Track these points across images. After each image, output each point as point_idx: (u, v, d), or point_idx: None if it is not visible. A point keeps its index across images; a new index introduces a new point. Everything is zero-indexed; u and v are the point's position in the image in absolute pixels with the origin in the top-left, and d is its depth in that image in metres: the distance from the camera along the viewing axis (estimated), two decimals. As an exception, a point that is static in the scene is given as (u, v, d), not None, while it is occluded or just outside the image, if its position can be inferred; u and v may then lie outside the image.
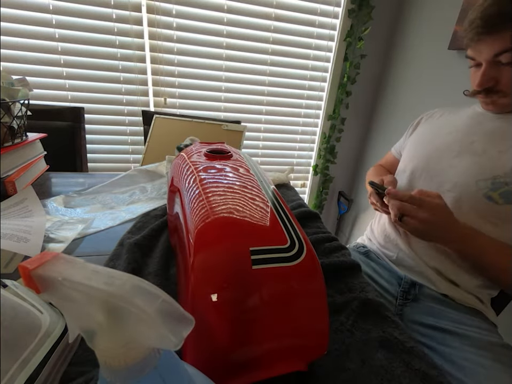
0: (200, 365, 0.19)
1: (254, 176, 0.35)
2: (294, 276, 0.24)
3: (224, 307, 0.22)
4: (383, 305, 0.37)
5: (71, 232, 0.46)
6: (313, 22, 1.33)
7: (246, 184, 0.32)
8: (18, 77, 0.63)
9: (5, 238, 0.35)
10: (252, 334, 0.22)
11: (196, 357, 0.22)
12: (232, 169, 0.35)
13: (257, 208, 0.28)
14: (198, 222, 0.26)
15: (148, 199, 0.59)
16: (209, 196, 0.28)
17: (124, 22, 1.14)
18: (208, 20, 1.22)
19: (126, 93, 1.25)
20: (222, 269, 0.22)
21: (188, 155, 0.40)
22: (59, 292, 0.11)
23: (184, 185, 0.32)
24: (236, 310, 0.22)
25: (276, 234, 0.25)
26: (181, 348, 0.12)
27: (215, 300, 0.21)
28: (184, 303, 0.23)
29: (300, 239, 0.26)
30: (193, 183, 0.31)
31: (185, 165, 0.37)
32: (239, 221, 0.26)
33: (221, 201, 0.28)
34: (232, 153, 0.40)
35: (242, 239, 0.24)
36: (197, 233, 0.25)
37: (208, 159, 0.38)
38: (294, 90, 1.45)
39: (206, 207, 0.27)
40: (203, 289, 0.22)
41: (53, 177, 0.69)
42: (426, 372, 0.29)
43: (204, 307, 0.21)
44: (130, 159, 1.38)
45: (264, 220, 0.27)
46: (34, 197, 0.53)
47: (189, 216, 0.27)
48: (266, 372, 0.23)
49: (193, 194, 0.30)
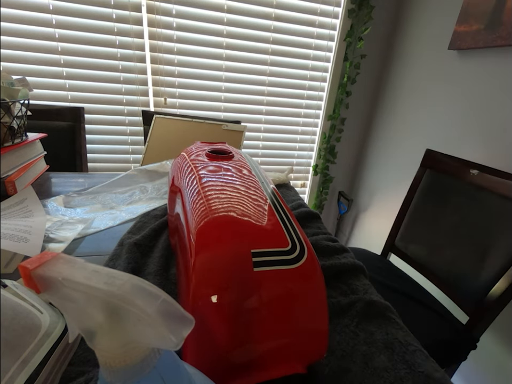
0: (199, 366, 0.19)
1: (255, 177, 0.35)
2: (295, 279, 0.24)
3: (225, 308, 0.22)
4: (387, 307, 0.37)
5: (71, 232, 0.46)
6: (313, 22, 1.33)
7: (248, 185, 0.32)
8: (18, 77, 0.63)
9: (5, 238, 0.35)
10: (252, 336, 0.22)
11: (195, 357, 0.22)
12: (233, 169, 0.35)
13: (259, 209, 0.28)
14: (199, 222, 0.25)
15: (147, 199, 0.59)
16: (210, 196, 0.28)
17: (123, 22, 1.14)
18: (208, 20, 1.22)
19: (126, 93, 1.25)
20: (223, 270, 0.22)
21: (188, 155, 0.40)
22: (59, 292, 0.11)
23: (185, 185, 0.32)
24: (236, 311, 0.22)
25: (277, 236, 0.25)
26: (181, 348, 0.12)
27: (215, 301, 0.21)
28: (185, 303, 0.23)
29: (301, 241, 0.26)
30: (194, 183, 0.31)
31: (186, 165, 0.37)
32: (241, 221, 0.26)
33: (222, 201, 0.28)
34: (233, 154, 0.40)
35: (244, 240, 0.24)
36: (197, 233, 0.25)
37: (209, 159, 0.38)
38: (294, 90, 1.45)
39: (207, 207, 0.27)
40: (204, 290, 0.22)
41: (53, 177, 0.69)
42: (430, 375, 0.29)
43: (205, 308, 0.21)
44: (130, 159, 1.38)
45: (266, 221, 0.26)
46: (34, 197, 0.53)
47: (189, 216, 0.27)
48: (266, 374, 0.23)
49: (194, 194, 0.30)
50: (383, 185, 1.50)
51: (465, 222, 0.78)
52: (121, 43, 1.17)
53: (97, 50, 1.16)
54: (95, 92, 1.22)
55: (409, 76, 1.34)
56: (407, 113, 1.35)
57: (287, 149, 1.59)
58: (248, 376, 0.23)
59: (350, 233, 1.81)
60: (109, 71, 1.20)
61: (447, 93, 1.13)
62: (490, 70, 0.96)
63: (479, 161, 0.98)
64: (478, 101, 1.00)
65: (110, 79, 1.21)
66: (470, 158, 1.04)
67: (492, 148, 0.96)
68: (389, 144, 1.46)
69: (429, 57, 1.22)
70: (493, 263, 0.70)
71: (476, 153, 1.02)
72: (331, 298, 0.38)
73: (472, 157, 1.03)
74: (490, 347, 0.95)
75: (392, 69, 1.44)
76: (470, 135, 1.04)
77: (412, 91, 1.33)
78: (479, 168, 0.77)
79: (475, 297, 0.72)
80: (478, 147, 1.01)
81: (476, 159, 1.01)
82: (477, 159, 1.01)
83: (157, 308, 0.11)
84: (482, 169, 0.76)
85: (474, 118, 1.02)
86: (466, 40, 0.99)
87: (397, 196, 1.41)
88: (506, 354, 0.91)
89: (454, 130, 1.11)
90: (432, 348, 0.69)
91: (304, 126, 1.55)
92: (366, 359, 0.30)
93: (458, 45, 1.02)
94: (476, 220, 0.76)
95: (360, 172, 1.71)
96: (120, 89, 1.24)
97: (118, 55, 1.18)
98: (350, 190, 1.80)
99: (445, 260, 0.82)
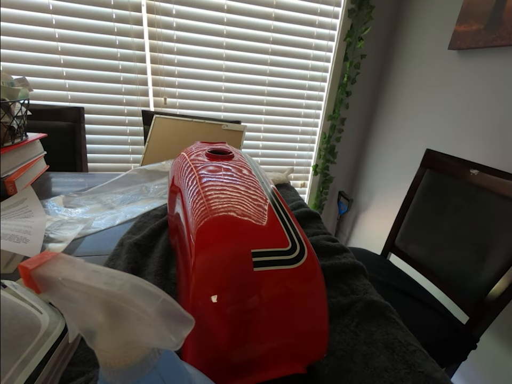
0: (199, 366, 0.19)
1: (255, 177, 0.35)
2: (295, 279, 0.24)
3: (225, 308, 0.22)
4: (387, 307, 0.37)
5: (71, 232, 0.46)
6: (313, 21, 1.33)
7: (248, 185, 0.32)
8: (18, 77, 0.63)
9: (5, 238, 0.35)
10: (252, 336, 0.22)
11: (196, 357, 0.22)
12: (233, 169, 0.35)
13: (259, 209, 0.28)
14: (198, 222, 0.25)
15: (147, 199, 0.59)
16: (210, 196, 0.28)
17: (123, 22, 1.14)
18: (208, 20, 1.22)
19: (126, 92, 1.25)
20: (223, 270, 0.22)
21: (188, 155, 0.40)
22: (59, 291, 0.11)
23: (185, 185, 0.32)
24: (236, 311, 0.22)
25: (277, 236, 0.25)
26: (181, 348, 0.12)
27: (215, 301, 0.21)
28: (185, 303, 0.23)
29: (301, 241, 0.26)
30: (194, 183, 0.31)
31: (186, 165, 0.37)
32: (241, 221, 0.26)
33: (222, 201, 0.28)
34: (233, 153, 0.40)
35: (244, 240, 0.24)
36: (197, 233, 0.25)
37: (209, 159, 0.38)
38: (294, 90, 1.45)
39: (207, 207, 0.27)
40: (204, 290, 0.22)
41: (53, 177, 0.69)
42: (430, 375, 0.29)
43: (205, 308, 0.21)
44: (130, 159, 1.38)
45: (266, 221, 0.26)
46: (34, 197, 0.53)
47: (189, 216, 0.27)
48: (266, 374, 0.23)
49: (194, 194, 0.30)
50: (383, 185, 1.50)
51: (465, 222, 0.78)
52: (121, 43, 1.17)
53: (97, 50, 1.16)
54: (95, 91, 1.22)
55: (409, 75, 1.34)
56: (407, 113, 1.35)
57: (287, 149, 1.59)
58: (248, 376, 0.23)
59: (350, 233, 1.81)
60: (109, 71, 1.20)
61: (447, 93, 1.13)
62: (490, 70, 0.96)
63: (479, 161, 0.98)
64: (478, 100, 1.00)
65: (110, 79, 1.21)
66: (470, 158, 1.04)
67: (491, 148, 0.96)
68: (389, 144, 1.46)
69: (429, 57, 1.22)
70: (493, 263, 0.70)
71: (476, 153, 1.02)
72: (331, 298, 0.38)
73: (472, 157, 1.03)
74: (490, 347, 0.95)
75: (392, 69, 1.44)
76: (470, 135, 1.04)
77: (412, 91, 1.33)
78: (479, 168, 0.77)
79: (475, 297, 0.72)
80: (478, 147, 1.01)
81: (476, 159, 1.01)
82: (477, 159, 1.01)
83: (157, 307, 0.11)
84: (482, 169, 0.76)
85: (474, 117, 1.02)
86: (466, 40, 0.99)
87: (397, 196, 1.41)
88: (506, 354, 0.91)
89: (454, 130, 1.11)
90: (432, 347, 0.69)
91: (304, 126, 1.55)
92: (366, 359, 0.30)
93: (458, 45, 1.02)
94: (476, 220, 0.76)
95: (360, 172, 1.70)
96: (120, 89, 1.24)
97: (118, 55, 1.18)
98: (350, 190, 1.80)
99: (445, 259, 0.82)
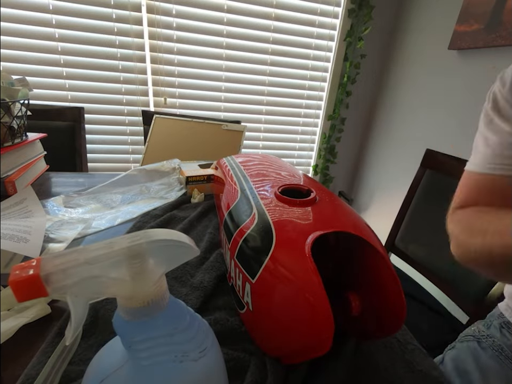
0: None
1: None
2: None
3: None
4: None
5: (71, 232, 0.46)
6: (313, 21, 1.33)
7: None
8: (18, 77, 0.63)
9: (5, 238, 0.35)
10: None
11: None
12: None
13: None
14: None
15: (147, 199, 0.59)
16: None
17: (124, 22, 1.14)
18: (208, 20, 1.22)
19: (126, 92, 1.25)
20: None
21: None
22: (78, 275, 0.12)
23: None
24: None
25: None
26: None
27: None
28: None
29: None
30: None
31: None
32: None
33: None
34: (314, 193, 0.30)
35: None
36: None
37: (282, 202, 0.29)
38: (294, 90, 1.45)
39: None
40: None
41: (53, 177, 0.69)
42: (428, 373, 0.29)
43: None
44: (130, 159, 1.38)
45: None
46: (34, 197, 0.53)
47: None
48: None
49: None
50: (383, 185, 1.50)
51: (465, 222, 0.78)
52: (121, 43, 1.17)
53: (97, 50, 1.16)
54: (95, 91, 1.22)
55: (409, 75, 1.34)
56: (407, 113, 1.35)
57: (287, 149, 1.59)
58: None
59: (350, 233, 1.81)
60: (109, 71, 1.20)
61: (447, 93, 1.13)
62: (490, 69, 0.95)
63: (479, 161, 0.97)
64: (478, 100, 1.00)
65: (110, 79, 1.21)
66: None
67: (491, 148, 0.96)
68: (389, 144, 1.46)
69: (429, 57, 1.22)
70: (492, 263, 0.70)
71: (475, 153, 1.02)
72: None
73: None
74: (490, 347, 0.95)
75: (392, 69, 1.44)
76: (470, 134, 1.04)
77: (412, 91, 1.33)
78: (479, 168, 0.76)
79: (475, 297, 0.72)
80: (478, 147, 1.01)
81: (475, 159, 1.01)
82: (477, 159, 1.01)
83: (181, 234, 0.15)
84: (482, 169, 0.76)
85: (474, 117, 1.02)
86: (466, 40, 0.99)
87: (397, 196, 1.41)
88: (506, 354, 0.91)
89: (454, 130, 1.11)
90: (432, 347, 0.69)
91: (304, 126, 1.55)
92: (366, 358, 0.30)
93: (458, 45, 1.02)
94: (476, 220, 0.76)
95: (360, 172, 1.70)
96: (120, 89, 1.24)
97: (118, 55, 1.18)
98: (350, 190, 1.80)
99: (445, 259, 0.82)
